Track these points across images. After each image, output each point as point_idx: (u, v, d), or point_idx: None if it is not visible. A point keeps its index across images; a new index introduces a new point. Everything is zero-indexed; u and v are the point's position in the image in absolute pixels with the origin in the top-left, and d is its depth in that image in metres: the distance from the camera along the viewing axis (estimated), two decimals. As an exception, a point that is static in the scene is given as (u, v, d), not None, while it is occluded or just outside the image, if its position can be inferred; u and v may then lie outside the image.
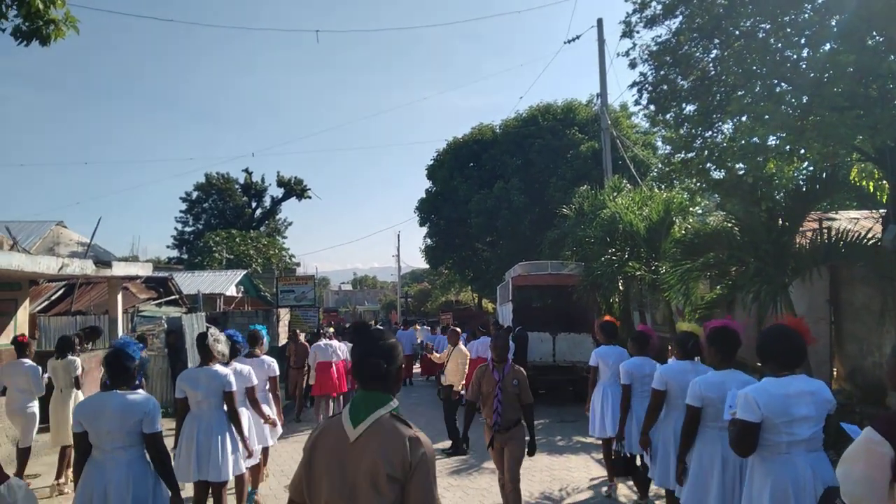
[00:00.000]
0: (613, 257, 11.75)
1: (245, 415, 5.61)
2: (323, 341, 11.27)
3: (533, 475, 7.50)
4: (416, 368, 19.48)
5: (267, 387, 6.65)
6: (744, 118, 8.31)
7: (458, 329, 10.63)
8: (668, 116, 9.13)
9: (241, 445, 5.24)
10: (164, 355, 10.81)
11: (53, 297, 12.76)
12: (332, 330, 12.71)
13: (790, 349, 3.35)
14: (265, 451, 6.81)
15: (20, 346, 7.07)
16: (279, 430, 6.86)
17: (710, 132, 9.00)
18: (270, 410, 6.46)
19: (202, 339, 5.24)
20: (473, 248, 27.64)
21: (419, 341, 19.07)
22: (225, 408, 5.14)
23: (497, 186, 23.49)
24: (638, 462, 6.09)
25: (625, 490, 6.70)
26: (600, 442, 7.02)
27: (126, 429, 3.71)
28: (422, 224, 29.36)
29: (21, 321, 10.20)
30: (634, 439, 5.75)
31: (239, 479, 5.56)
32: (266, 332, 7.04)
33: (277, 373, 6.81)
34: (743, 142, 7.73)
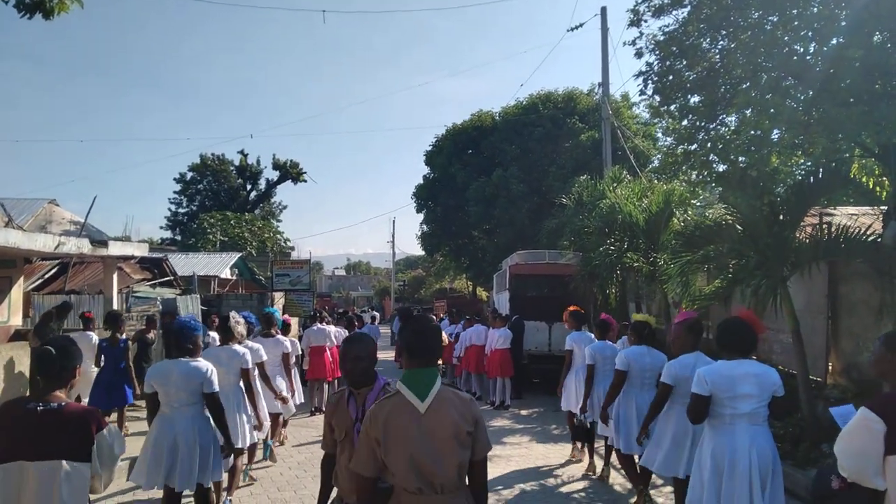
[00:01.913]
0: (612, 248, 11.73)
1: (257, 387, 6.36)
2: (316, 326, 11.23)
3: (529, 463, 7.52)
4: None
5: (280, 362, 7.58)
6: (749, 111, 8.28)
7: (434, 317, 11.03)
8: (672, 107, 9.09)
9: (254, 418, 6.00)
10: (159, 336, 10.73)
11: (47, 276, 12.67)
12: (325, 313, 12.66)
13: (743, 338, 3.98)
14: (279, 417, 7.73)
15: (86, 320, 8.49)
16: (292, 406, 7.89)
17: (714, 124, 8.97)
18: (284, 384, 7.49)
19: (225, 321, 5.97)
20: (470, 236, 27.57)
21: None
22: (241, 383, 5.83)
23: (496, 174, 23.39)
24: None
25: (618, 478, 6.73)
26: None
27: (190, 389, 4.56)
28: (419, 210, 29.25)
29: (15, 299, 10.12)
30: (598, 412, 6.37)
31: (251, 448, 6.44)
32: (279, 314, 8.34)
33: (289, 350, 7.83)
34: (749, 135, 7.69)
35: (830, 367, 8.43)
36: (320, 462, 3.32)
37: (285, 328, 9.25)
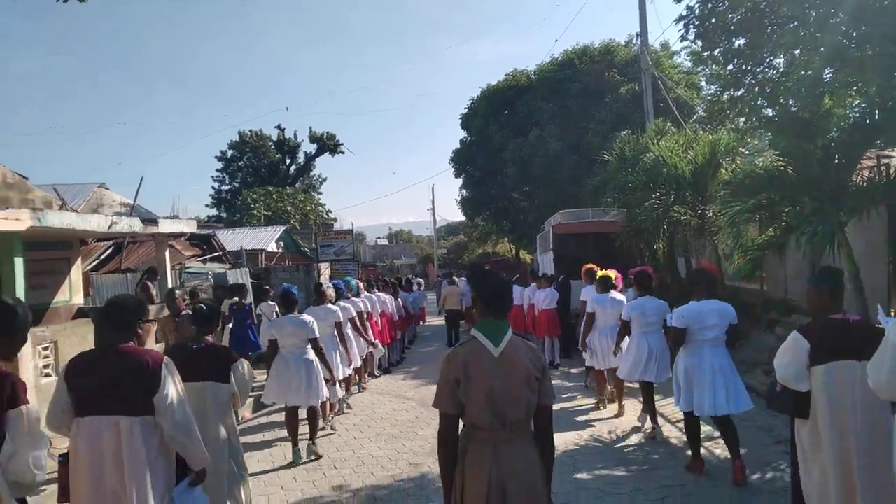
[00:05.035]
0: (657, 202, 11.49)
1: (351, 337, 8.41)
2: (364, 294, 11.29)
3: (580, 419, 7.55)
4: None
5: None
6: (798, 51, 7.93)
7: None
8: (716, 52, 8.75)
9: (346, 356, 7.92)
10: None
11: (103, 256, 13.08)
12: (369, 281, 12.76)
13: (707, 283, 5.46)
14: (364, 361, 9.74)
15: (264, 292, 10.76)
16: (381, 349, 10.57)
17: (761, 67, 8.62)
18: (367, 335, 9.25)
19: (318, 286, 7.90)
20: (510, 198, 27.38)
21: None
22: (335, 332, 7.58)
23: (533, 134, 23.06)
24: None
25: (673, 431, 6.70)
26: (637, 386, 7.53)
27: (299, 337, 6.31)
28: (457, 175, 29.14)
29: (75, 279, 10.48)
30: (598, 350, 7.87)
31: (346, 380, 8.52)
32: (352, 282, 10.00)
33: (361, 309, 9.28)
34: (799, 76, 7.37)
35: (893, 313, 8.16)
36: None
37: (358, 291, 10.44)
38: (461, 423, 2.81)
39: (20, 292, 7.41)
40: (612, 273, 8.13)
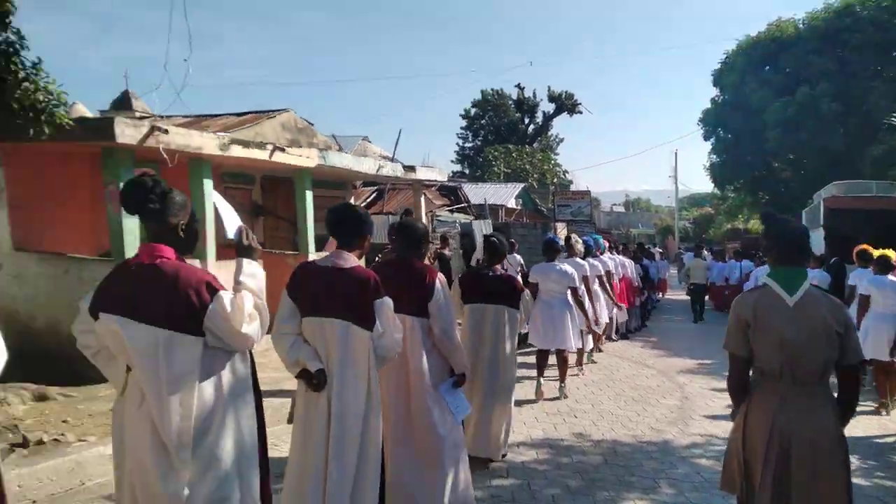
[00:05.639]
0: (971, 175, 9.58)
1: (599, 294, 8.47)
2: (608, 255, 11.05)
3: (854, 421, 6.71)
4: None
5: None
6: None
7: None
8: None
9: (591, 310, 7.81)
10: (459, 255, 11.77)
11: (368, 201, 14.60)
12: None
13: None
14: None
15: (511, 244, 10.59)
16: (624, 313, 10.52)
17: None
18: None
19: (568, 239, 8.09)
20: (769, 167, 24.82)
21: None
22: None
23: (800, 93, 20.49)
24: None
25: None
26: None
27: (562, 283, 6.71)
28: (706, 138, 27.08)
29: (347, 217, 11.88)
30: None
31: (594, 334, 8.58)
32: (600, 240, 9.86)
33: (609, 267, 9.26)
34: None
35: None
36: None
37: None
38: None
39: (309, 222, 8.81)
40: (893, 253, 7.14)
